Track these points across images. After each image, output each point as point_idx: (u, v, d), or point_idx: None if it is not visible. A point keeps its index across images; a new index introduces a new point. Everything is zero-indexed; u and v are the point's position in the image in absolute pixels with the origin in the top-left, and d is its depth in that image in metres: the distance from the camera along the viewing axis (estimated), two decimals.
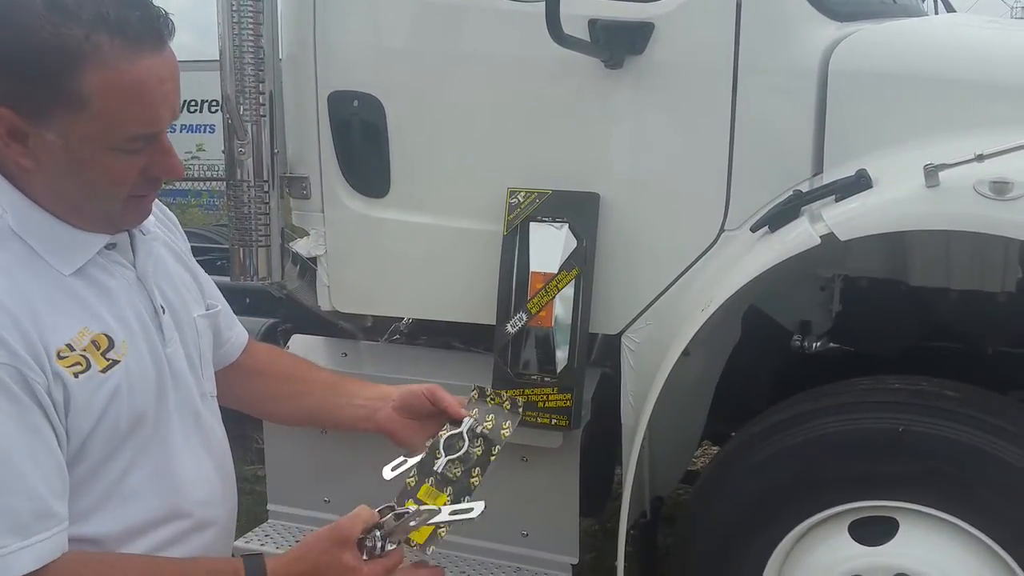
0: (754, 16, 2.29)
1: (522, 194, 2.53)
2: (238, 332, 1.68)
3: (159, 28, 1.20)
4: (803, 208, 2.19)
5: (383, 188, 2.73)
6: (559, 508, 2.64)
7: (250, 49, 2.65)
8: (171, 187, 8.92)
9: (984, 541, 2.06)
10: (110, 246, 1.32)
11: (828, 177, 2.24)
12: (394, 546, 1.31)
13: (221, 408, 1.56)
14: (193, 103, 11.37)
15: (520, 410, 1.59)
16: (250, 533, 2.99)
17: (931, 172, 1.94)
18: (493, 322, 2.55)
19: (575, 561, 2.67)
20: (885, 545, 2.14)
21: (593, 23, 2.35)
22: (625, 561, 2.43)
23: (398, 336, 3.14)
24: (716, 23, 2.31)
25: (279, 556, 1.30)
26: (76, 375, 1.21)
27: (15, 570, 1.14)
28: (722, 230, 2.39)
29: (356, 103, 2.69)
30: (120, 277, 1.33)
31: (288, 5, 2.72)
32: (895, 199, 2.06)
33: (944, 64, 2.31)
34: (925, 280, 2.39)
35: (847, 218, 2.07)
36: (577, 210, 2.48)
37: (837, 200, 2.12)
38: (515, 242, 2.52)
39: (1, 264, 1.20)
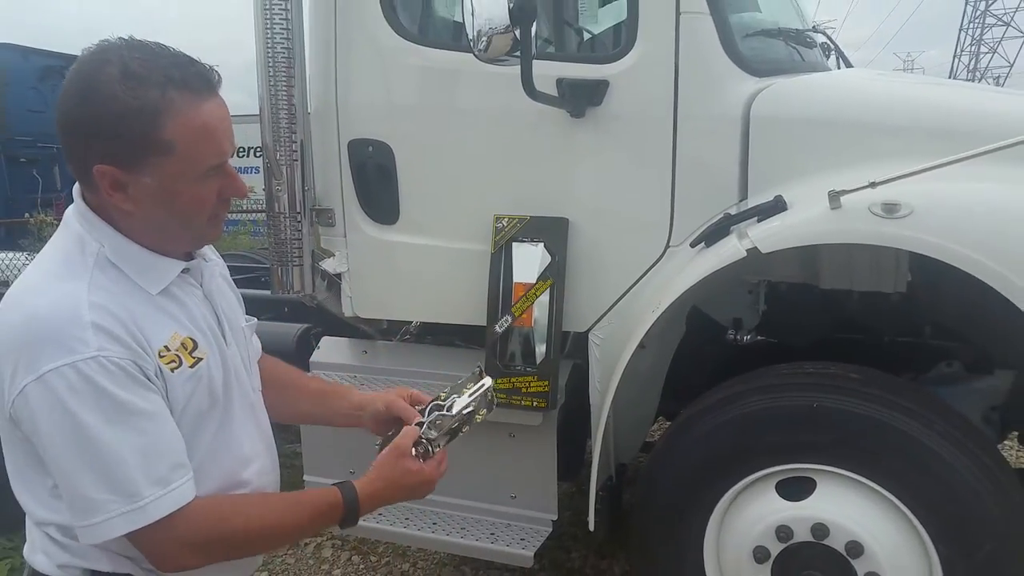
0: (689, 74, 2.29)
1: (506, 220, 2.52)
2: (255, 344, 1.64)
3: (211, 79, 1.24)
4: (732, 227, 2.19)
5: (393, 217, 2.72)
6: (541, 474, 2.62)
7: (284, 105, 2.63)
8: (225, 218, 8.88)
9: (885, 495, 2.06)
10: (185, 271, 1.34)
11: (752, 202, 2.24)
12: (439, 447, 1.43)
13: None
14: (241, 149, 11.39)
15: (494, 404, 1.58)
16: None
17: (834, 196, 1.95)
18: (484, 323, 2.54)
19: (554, 517, 2.65)
20: (805, 500, 2.13)
21: (560, 81, 2.35)
22: (595, 517, 2.42)
23: (408, 336, 3.12)
24: (659, 80, 2.31)
25: (360, 479, 1.35)
26: (172, 370, 1.25)
27: (157, 514, 1.17)
28: (667, 246, 2.38)
29: (371, 148, 2.68)
30: (192, 295, 1.35)
31: (315, 68, 2.71)
32: (806, 219, 2.06)
33: (844, 109, 2.31)
34: (833, 283, 2.39)
35: (768, 235, 2.07)
36: (550, 232, 2.47)
37: (759, 220, 2.12)
38: (501, 259, 2.51)
39: (104, 285, 1.22)
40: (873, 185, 1.88)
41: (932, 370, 2.48)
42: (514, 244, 2.50)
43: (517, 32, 2.01)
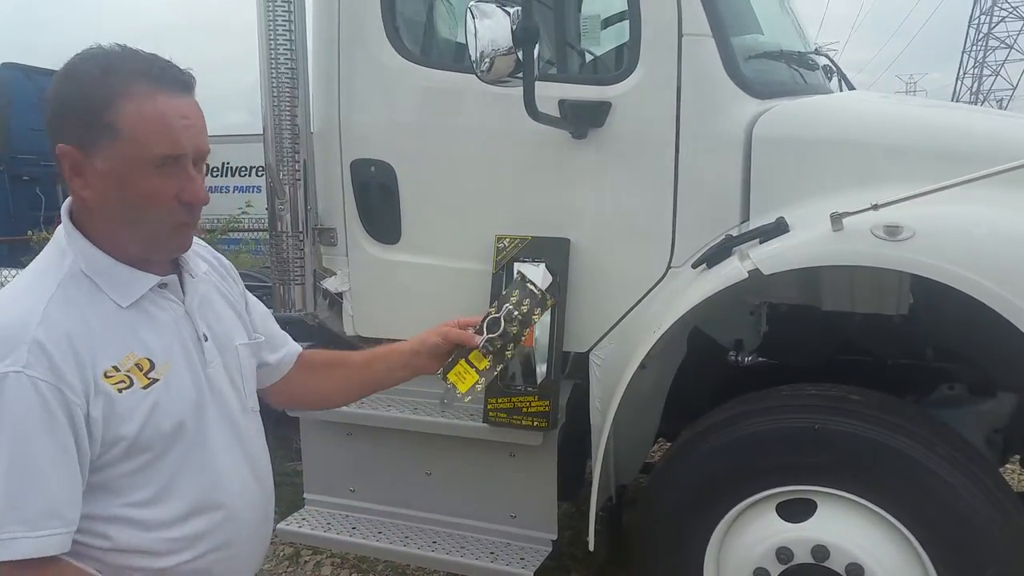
0: (691, 96, 2.30)
1: (507, 240, 2.53)
2: (291, 348, 1.67)
3: (181, 78, 1.25)
4: (734, 249, 2.19)
5: (395, 236, 2.73)
6: (541, 494, 2.61)
7: (287, 125, 2.66)
8: (226, 237, 8.90)
9: (886, 518, 2.05)
10: (162, 285, 1.33)
11: (754, 223, 2.24)
12: (507, 356, 1.56)
13: (277, 414, 1.55)
14: (244, 168, 11.45)
15: (549, 302, 1.65)
16: (290, 517, 2.94)
17: (836, 219, 1.95)
18: None
19: (554, 537, 2.64)
20: (806, 522, 2.12)
21: (562, 103, 2.37)
22: (595, 537, 2.40)
23: None
24: (661, 102, 2.32)
25: None
26: (120, 391, 1.23)
27: (15, 552, 1.14)
28: (669, 267, 2.39)
29: (373, 168, 2.70)
30: (169, 310, 1.34)
31: (318, 89, 2.73)
32: (808, 241, 2.06)
33: (846, 131, 2.32)
34: (834, 305, 2.39)
35: (769, 256, 2.07)
36: (552, 252, 2.48)
37: (761, 242, 2.12)
38: (502, 279, 2.51)
39: (73, 299, 1.23)
40: (875, 207, 1.88)
41: (934, 392, 2.48)
42: (516, 264, 2.50)
43: (520, 54, 2.02)
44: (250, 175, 11.35)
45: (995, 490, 2.00)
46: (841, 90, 3.11)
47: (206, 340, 1.38)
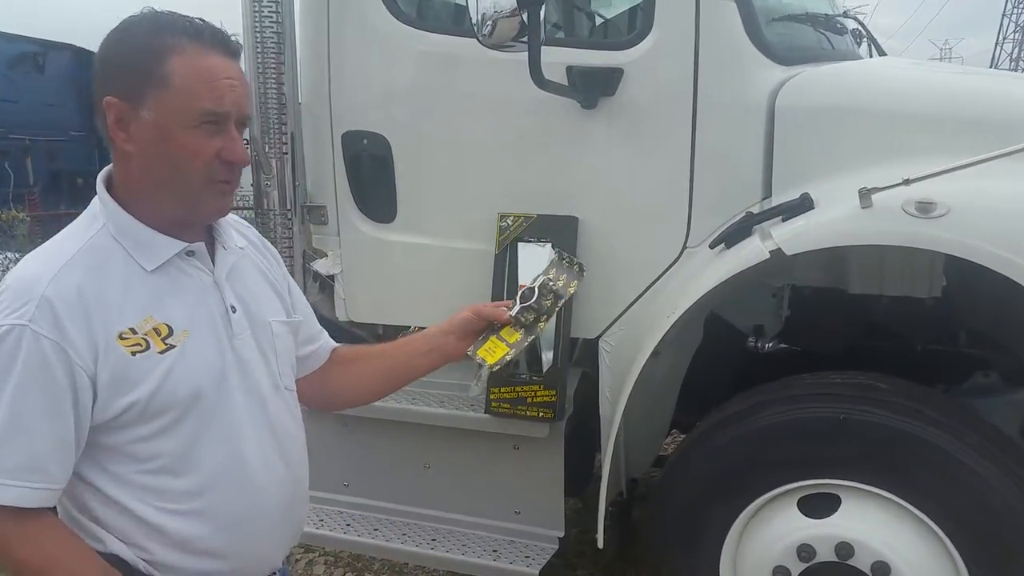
0: (710, 62, 2.29)
1: (511, 218, 2.54)
2: (325, 342, 1.76)
3: (227, 42, 1.37)
4: (755, 227, 2.19)
5: (390, 214, 2.73)
6: (547, 489, 2.63)
7: (273, 95, 2.65)
8: None
9: (915, 513, 2.06)
10: (190, 253, 1.41)
11: (776, 200, 2.25)
12: (539, 330, 1.64)
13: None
14: None
15: (583, 273, 1.72)
16: None
17: (865, 195, 1.95)
18: None
19: (561, 535, 2.66)
20: (829, 518, 2.14)
21: (570, 69, 2.36)
22: (604, 534, 2.43)
23: None
24: (677, 68, 2.32)
25: None
26: (134, 353, 1.31)
27: None
28: (685, 247, 2.39)
29: (366, 141, 2.69)
30: (196, 278, 1.41)
31: (306, 56, 2.72)
32: (834, 218, 2.07)
33: (876, 100, 2.32)
34: (862, 288, 2.40)
35: (793, 235, 2.08)
36: (559, 231, 2.48)
37: (784, 220, 2.12)
38: (505, 260, 2.52)
39: (97, 261, 1.33)
40: (907, 182, 1.88)
41: (967, 380, 2.49)
42: (520, 244, 2.51)
43: (524, 16, 2.01)
44: None
45: None
46: (871, 56, 3.10)
47: (234, 312, 1.44)
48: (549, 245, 2.47)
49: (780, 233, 2.09)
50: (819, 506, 2.16)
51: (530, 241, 2.50)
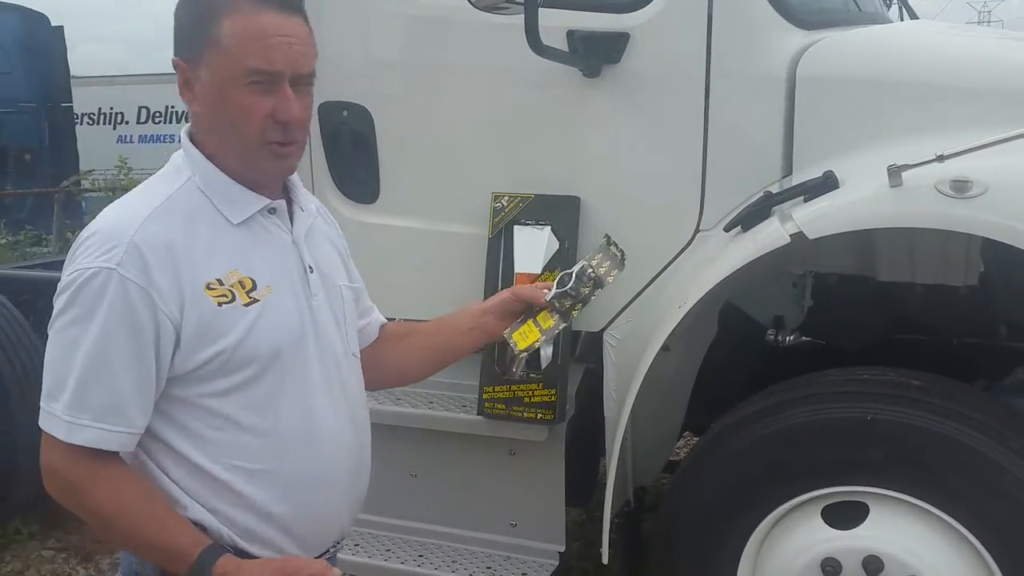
0: (725, 26, 2.31)
1: (506, 198, 2.55)
2: (376, 316, 1.89)
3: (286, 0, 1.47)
4: (774, 208, 2.21)
5: (373, 194, 2.74)
6: (546, 499, 2.65)
7: None
8: None
9: (950, 523, 2.08)
10: (271, 210, 1.54)
11: (797, 178, 2.26)
12: (573, 316, 1.76)
13: None
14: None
15: (624, 263, 1.80)
16: None
17: (894, 172, 1.97)
18: None
19: (562, 549, 2.68)
20: (856, 529, 2.16)
21: (571, 34, 2.37)
22: (610, 548, 2.44)
23: None
24: (689, 33, 2.33)
25: (233, 560, 1.41)
26: (220, 304, 1.43)
27: (75, 438, 1.37)
28: (697, 230, 2.41)
29: (345, 113, 2.70)
30: (276, 236, 1.55)
31: None
32: (860, 199, 2.09)
33: (906, 69, 2.34)
34: (891, 275, 2.42)
35: (815, 217, 2.09)
36: (559, 213, 2.50)
37: (806, 200, 2.14)
38: (500, 244, 2.54)
39: (184, 211, 1.45)
40: (941, 159, 1.90)
41: (1008, 377, 2.51)
42: (516, 227, 2.52)
43: None
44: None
45: None
46: (901, 20, 3.11)
47: (311, 272, 1.58)
48: (548, 228, 2.49)
49: (801, 215, 2.11)
50: (845, 516, 2.18)
51: (527, 224, 2.52)
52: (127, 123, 12.47)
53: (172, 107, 11.66)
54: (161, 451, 1.46)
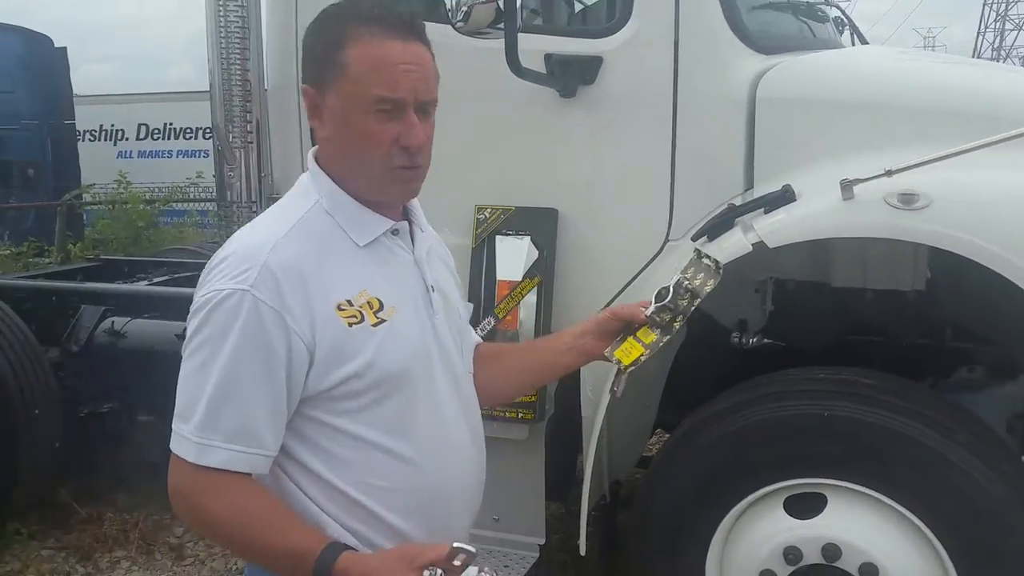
0: (690, 51, 2.35)
1: (488, 211, 2.57)
2: (472, 338, 1.80)
3: (409, 23, 1.44)
4: (736, 219, 2.24)
5: None
6: (527, 494, 2.66)
7: (238, 81, 2.66)
8: (169, 208, 8.82)
9: (903, 513, 2.12)
10: (395, 232, 1.50)
11: (758, 192, 2.30)
12: (675, 329, 1.63)
13: None
14: (189, 130, 11.32)
15: (720, 272, 1.74)
16: None
17: (847, 186, 2.01)
18: None
19: (542, 541, 2.69)
20: (815, 519, 2.19)
21: (549, 57, 2.40)
22: (587, 540, 2.46)
23: None
24: (658, 57, 2.37)
25: (355, 555, 1.34)
26: (350, 324, 1.39)
27: (205, 460, 1.31)
28: (667, 240, 2.44)
29: None
30: (400, 256, 1.51)
31: (272, 39, 2.73)
32: (816, 211, 2.13)
33: (857, 90, 2.38)
34: (845, 281, 2.46)
35: (775, 228, 2.13)
36: (538, 224, 2.53)
37: (766, 212, 2.18)
38: (483, 254, 2.56)
39: (313, 233, 1.42)
40: (889, 173, 1.95)
41: (953, 375, 2.56)
42: (497, 237, 2.55)
43: (501, 2, 2.05)
44: (196, 137, 11.25)
45: (1018, 480, 2.08)
46: (853, 44, 3.16)
47: (433, 291, 1.54)
48: (528, 239, 2.51)
49: (762, 225, 2.14)
50: (806, 506, 2.21)
51: (508, 234, 2.54)
52: (127, 139, 12.37)
53: (170, 124, 11.58)
54: (297, 470, 1.41)
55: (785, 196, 2.16)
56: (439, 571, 1.30)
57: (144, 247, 7.08)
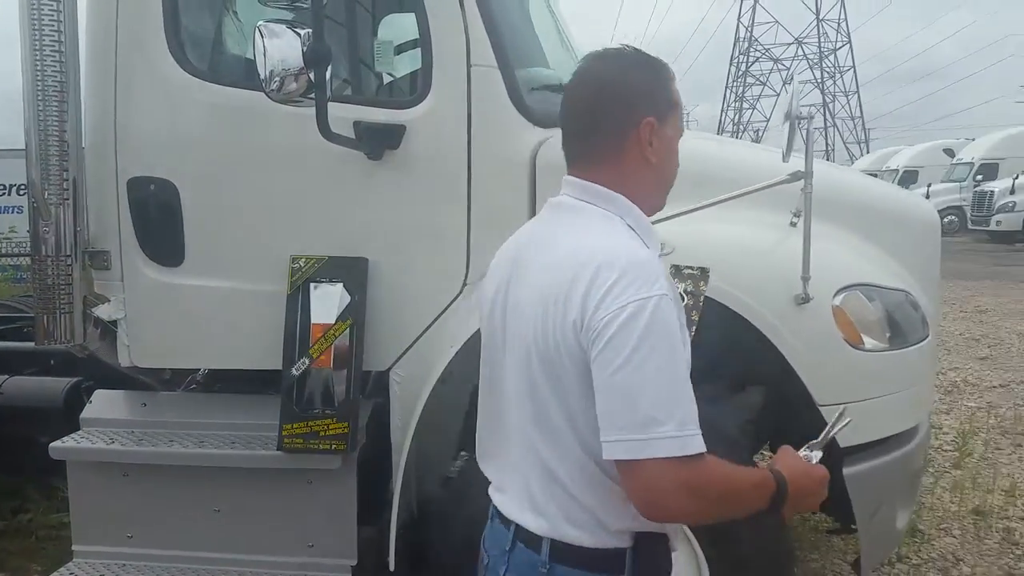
0: (480, 123, 2.50)
1: (303, 260, 2.57)
2: None
3: None
4: None
5: (178, 258, 2.66)
6: (340, 518, 2.64)
7: (55, 139, 2.51)
8: None
9: None
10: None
11: None
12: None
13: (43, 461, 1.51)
14: (2, 187, 10.35)
15: (708, 274, 1.84)
16: (54, 574, 2.70)
17: None
18: (280, 367, 2.54)
19: (354, 563, 2.66)
20: None
21: (357, 124, 2.47)
22: (396, 556, 2.47)
23: (195, 385, 3.01)
24: (453, 127, 2.50)
25: (779, 466, 1.42)
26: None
27: (691, 449, 1.26)
28: (465, 283, 2.55)
29: (153, 187, 2.62)
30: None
31: (91, 100, 2.61)
32: None
33: None
34: None
35: None
36: (350, 272, 2.55)
37: None
38: (298, 300, 2.55)
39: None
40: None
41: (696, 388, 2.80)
42: (312, 284, 2.55)
43: (311, 75, 2.09)
44: (9, 194, 10.31)
45: None
46: None
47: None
48: (340, 285, 2.53)
49: None
50: None
51: (321, 281, 2.55)
52: None
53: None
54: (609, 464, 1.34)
55: None
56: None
57: None
